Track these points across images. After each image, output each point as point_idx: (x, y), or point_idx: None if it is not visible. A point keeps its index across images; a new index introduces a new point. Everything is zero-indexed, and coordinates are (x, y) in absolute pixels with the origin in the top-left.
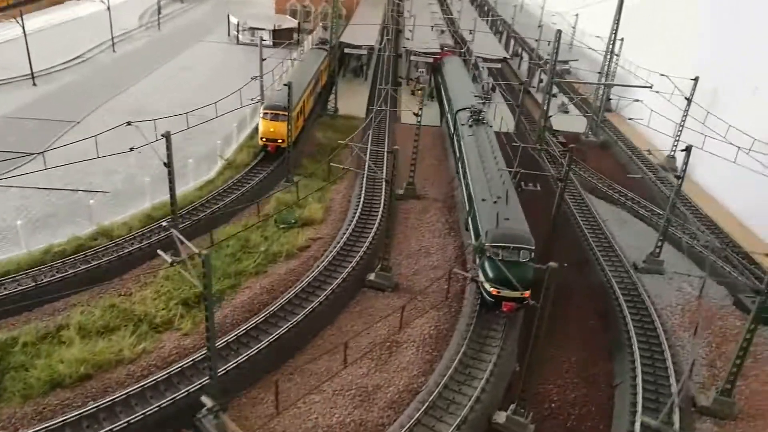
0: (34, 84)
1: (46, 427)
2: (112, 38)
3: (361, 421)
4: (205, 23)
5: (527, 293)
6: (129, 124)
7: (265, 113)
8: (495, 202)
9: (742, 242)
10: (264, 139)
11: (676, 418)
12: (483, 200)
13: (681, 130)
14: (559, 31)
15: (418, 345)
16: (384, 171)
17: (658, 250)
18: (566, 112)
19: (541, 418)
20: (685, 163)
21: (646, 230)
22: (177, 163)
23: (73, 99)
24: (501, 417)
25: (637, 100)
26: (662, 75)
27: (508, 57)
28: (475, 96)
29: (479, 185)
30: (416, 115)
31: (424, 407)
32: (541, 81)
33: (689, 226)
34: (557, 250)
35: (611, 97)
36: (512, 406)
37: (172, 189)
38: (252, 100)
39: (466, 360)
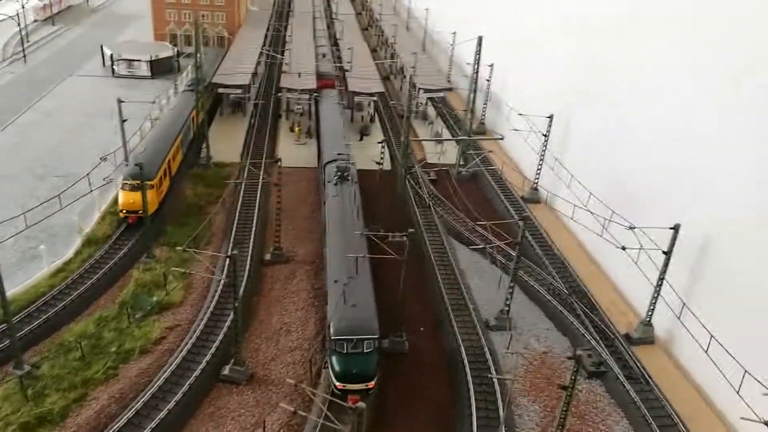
0: None
1: None
2: None
3: None
4: (78, 51)
5: (372, 384)
6: None
7: (124, 184)
8: (345, 283)
9: (589, 282)
10: (124, 211)
11: None
12: (335, 281)
13: (540, 166)
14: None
15: None
16: (251, 242)
17: (507, 308)
18: (440, 142)
19: None
20: (522, 235)
21: (502, 279)
22: (32, 241)
23: None
24: None
25: (491, 152)
26: (520, 114)
27: (383, 91)
28: (345, 145)
29: (335, 263)
30: (276, 185)
31: None
32: (420, 104)
33: (538, 274)
34: (416, 311)
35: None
36: None
37: (7, 316)
38: (105, 179)
39: None
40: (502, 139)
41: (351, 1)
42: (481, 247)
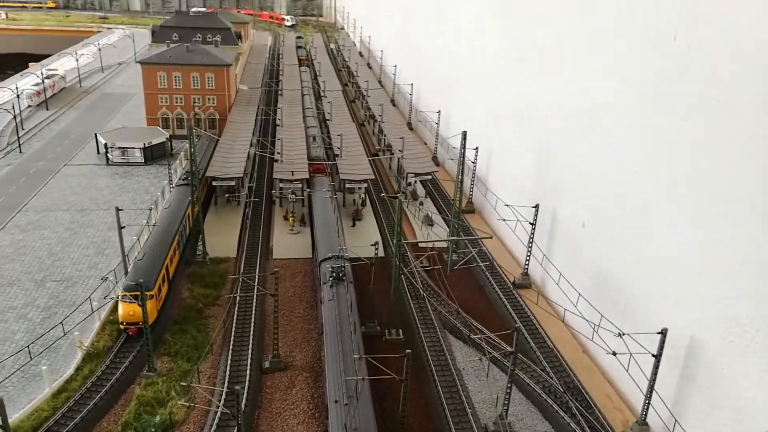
0: None
1: None
2: None
3: None
4: (74, 135)
5: None
6: None
7: (123, 296)
8: (346, 404)
9: (583, 375)
10: (124, 323)
11: None
12: (336, 402)
13: (529, 253)
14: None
15: None
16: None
17: (505, 411)
18: (431, 224)
19: None
20: (515, 343)
21: (500, 378)
22: (33, 356)
23: None
24: None
25: (489, 237)
26: (507, 205)
27: (373, 177)
28: (338, 243)
29: (334, 381)
30: (273, 295)
31: None
32: (409, 184)
33: (534, 371)
34: (416, 419)
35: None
36: None
37: None
38: (105, 297)
39: None
40: (490, 238)
41: (337, 72)
42: (478, 358)
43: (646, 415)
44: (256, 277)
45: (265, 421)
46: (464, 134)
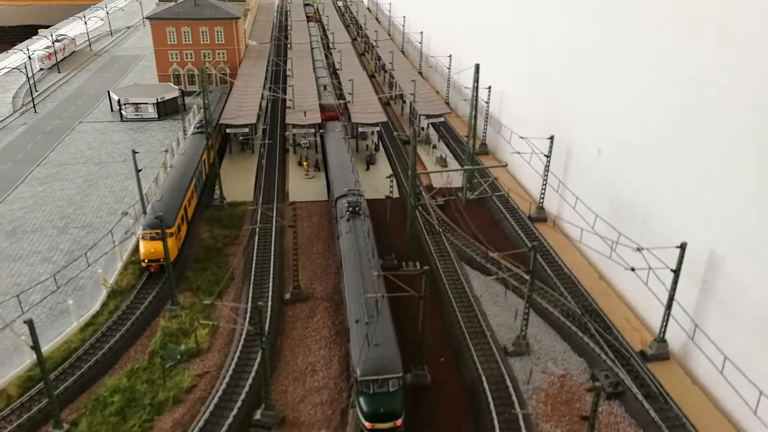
0: None
1: None
2: None
3: None
4: (87, 95)
5: (399, 422)
6: None
7: (144, 234)
8: (367, 323)
9: (601, 300)
10: (146, 261)
11: None
12: (356, 321)
13: (545, 186)
14: None
15: None
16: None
17: (523, 333)
18: (445, 165)
19: None
20: (532, 263)
21: (517, 302)
22: (59, 296)
23: None
24: None
25: (496, 178)
26: (521, 137)
27: (386, 120)
28: (354, 180)
29: (354, 302)
30: (291, 226)
31: None
32: (422, 129)
33: (551, 295)
34: (434, 341)
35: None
36: None
37: (45, 377)
38: (126, 232)
39: None
40: (505, 166)
41: (345, 27)
42: (495, 277)
43: (664, 332)
44: (275, 207)
45: (288, 347)
46: (477, 67)
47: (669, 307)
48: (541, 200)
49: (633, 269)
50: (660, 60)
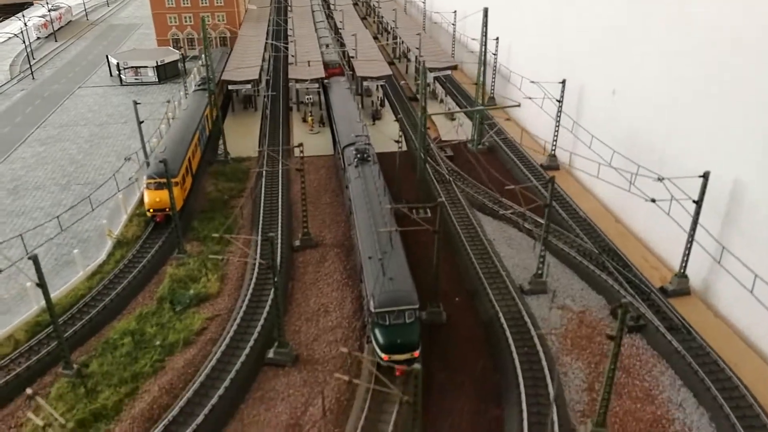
0: None
1: None
2: None
3: None
4: (85, 62)
5: (416, 353)
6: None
7: (148, 183)
8: (380, 258)
9: (618, 241)
10: (151, 211)
11: None
12: (369, 258)
13: (557, 132)
14: None
15: (319, 427)
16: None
17: (540, 271)
18: (453, 119)
19: None
20: (549, 196)
21: (531, 245)
22: (64, 248)
23: None
24: None
25: (507, 119)
26: (532, 82)
27: (391, 74)
28: (361, 126)
29: (367, 240)
30: (299, 170)
31: None
32: (428, 85)
33: (567, 237)
34: (448, 284)
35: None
36: None
37: (53, 317)
38: (130, 179)
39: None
40: (518, 106)
41: None
42: (511, 212)
43: (685, 266)
44: (281, 150)
45: (300, 290)
46: (485, 11)
47: (692, 236)
48: (553, 148)
49: (654, 200)
50: None
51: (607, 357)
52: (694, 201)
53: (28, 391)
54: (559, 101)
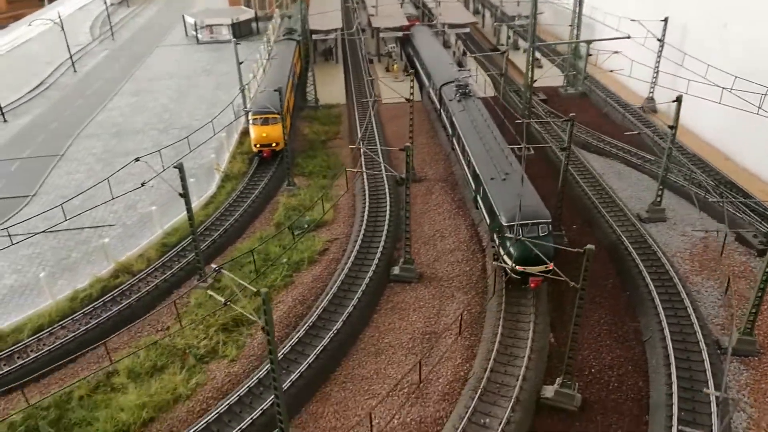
0: (5, 120)
1: None
2: (71, 58)
3: (420, 418)
4: (159, 26)
5: (551, 265)
6: (138, 161)
7: (255, 119)
8: (503, 179)
9: (733, 176)
10: (258, 146)
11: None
12: (492, 179)
13: (657, 72)
14: None
15: (455, 333)
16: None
17: (659, 199)
18: (540, 66)
19: (584, 386)
20: (676, 116)
21: (641, 178)
22: (174, 182)
23: (49, 130)
24: (549, 391)
25: (616, 52)
26: (633, 20)
27: (476, 21)
28: (455, 67)
29: (484, 163)
30: (408, 100)
31: (477, 395)
32: (508, 37)
33: (684, 170)
34: (565, 214)
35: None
36: (558, 380)
37: (191, 219)
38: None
39: (504, 341)
40: (628, 37)
41: None
42: (636, 132)
43: None
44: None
45: (412, 219)
46: None
47: None
48: (652, 90)
49: None
50: None
51: (740, 276)
52: None
53: (213, 266)
54: (659, 41)
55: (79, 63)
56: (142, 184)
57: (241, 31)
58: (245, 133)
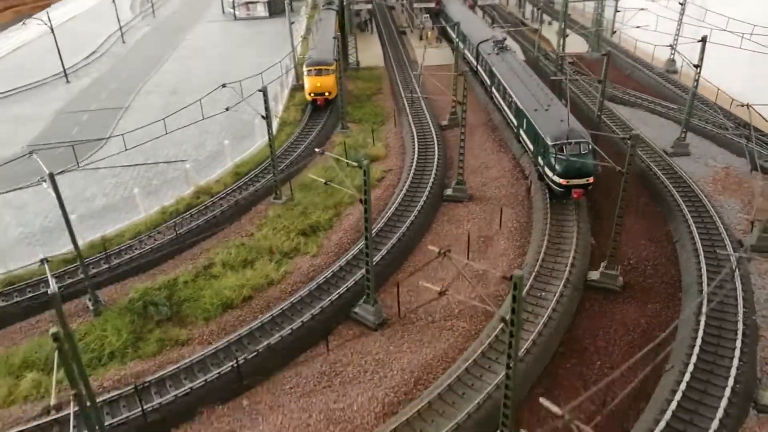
0: (68, 81)
1: (234, 338)
2: (121, 30)
3: (485, 294)
4: (196, 5)
5: (591, 179)
6: (224, 86)
7: (309, 70)
8: (546, 109)
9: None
10: (312, 94)
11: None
12: (535, 110)
13: (680, 28)
14: None
15: (507, 236)
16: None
17: (683, 135)
18: (567, 36)
19: (623, 273)
20: (701, 54)
21: (664, 123)
22: (238, 124)
23: (110, 89)
24: (594, 275)
25: (642, 9)
26: None
27: None
28: (489, 27)
29: (526, 99)
30: (451, 45)
31: (532, 276)
32: (534, 12)
33: (706, 111)
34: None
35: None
36: (603, 264)
37: (270, 136)
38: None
39: (552, 239)
40: None
41: None
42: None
43: None
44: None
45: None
46: None
47: None
48: (673, 53)
49: None
50: None
51: (761, 197)
52: None
53: (317, 150)
54: (681, 4)
55: (126, 36)
56: (227, 109)
57: (276, 8)
58: (295, 89)
